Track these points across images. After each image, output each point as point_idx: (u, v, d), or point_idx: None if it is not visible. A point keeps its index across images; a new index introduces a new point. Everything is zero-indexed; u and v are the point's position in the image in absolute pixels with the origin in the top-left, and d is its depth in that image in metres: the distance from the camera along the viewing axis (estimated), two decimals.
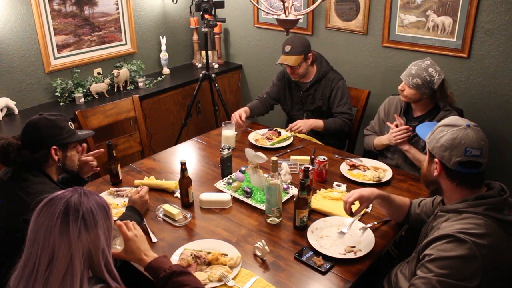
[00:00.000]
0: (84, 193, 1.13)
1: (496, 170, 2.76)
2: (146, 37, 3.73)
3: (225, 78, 4.03)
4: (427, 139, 1.48)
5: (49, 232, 1.05)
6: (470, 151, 1.35)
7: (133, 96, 2.90)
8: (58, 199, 1.09)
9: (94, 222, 1.10)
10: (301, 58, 2.68)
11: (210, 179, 2.22)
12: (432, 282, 1.28)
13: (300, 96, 2.85)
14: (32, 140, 1.65)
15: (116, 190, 2.08)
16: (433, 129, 1.47)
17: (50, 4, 3.02)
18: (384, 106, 2.55)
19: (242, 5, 3.86)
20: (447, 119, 1.47)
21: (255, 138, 2.62)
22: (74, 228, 1.06)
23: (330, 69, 2.83)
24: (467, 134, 1.38)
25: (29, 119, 1.69)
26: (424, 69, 2.23)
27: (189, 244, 1.71)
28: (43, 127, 1.67)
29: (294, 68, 2.71)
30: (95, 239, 1.10)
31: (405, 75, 2.30)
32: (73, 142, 1.75)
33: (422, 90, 2.24)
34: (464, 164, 1.36)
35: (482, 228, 1.31)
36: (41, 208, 1.09)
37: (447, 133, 1.40)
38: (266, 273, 1.60)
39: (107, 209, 1.16)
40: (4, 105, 2.88)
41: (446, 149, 1.38)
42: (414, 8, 2.88)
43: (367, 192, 1.72)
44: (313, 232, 1.78)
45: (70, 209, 1.07)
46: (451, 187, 1.43)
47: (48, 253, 1.04)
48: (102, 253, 1.12)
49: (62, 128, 1.71)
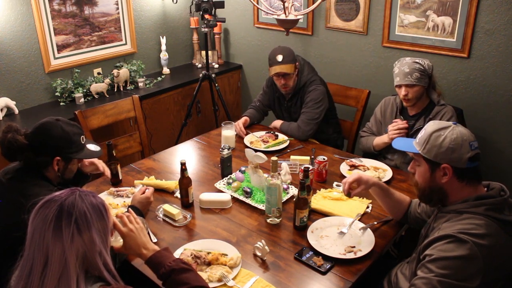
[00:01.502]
0: (80, 195, 1.12)
1: (496, 170, 2.76)
2: (146, 37, 3.73)
3: (225, 78, 4.03)
4: (423, 150, 1.43)
5: (43, 236, 1.06)
6: (472, 145, 1.39)
7: (133, 96, 2.90)
8: (52, 201, 1.10)
9: (88, 226, 1.09)
10: (293, 66, 2.62)
11: (210, 179, 2.22)
12: (432, 282, 1.29)
13: (285, 105, 2.83)
14: (40, 145, 1.63)
15: (116, 190, 2.08)
16: (425, 139, 1.43)
17: (50, 4, 3.02)
18: (380, 107, 2.55)
19: (242, 5, 3.86)
20: (433, 126, 1.44)
21: (251, 140, 2.62)
22: (67, 233, 1.06)
23: (311, 76, 2.71)
24: (461, 131, 1.40)
25: (44, 121, 1.66)
26: (412, 63, 2.25)
27: (189, 244, 1.71)
28: (55, 136, 1.64)
29: (289, 77, 2.62)
30: (90, 242, 1.09)
31: (402, 78, 2.26)
32: (78, 158, 1.74)
33: (423, 82, 2.25)
34: (472, 158, 1.38)
35: (482, 228, 1.31)
36: (36, 210, 1.09)
37: (447, 136, 1.39)
38: (266, 273, 1.60)
39: (102, 210, 1.14)
40: (4, 105, 2.88)
41: (454, 150, 1.37)
42: (414, 8, 2.87)
43: (366, 176, 1.78)
44: (313, 232, 1.78)
45: (63, 212, 1.07)
46: (458, 188, 1.42)
47: (43, 256, 1.05)
48: (100, 255, 1.12)
49: (73, 143, 1.69)
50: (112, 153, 2.14)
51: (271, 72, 2.65)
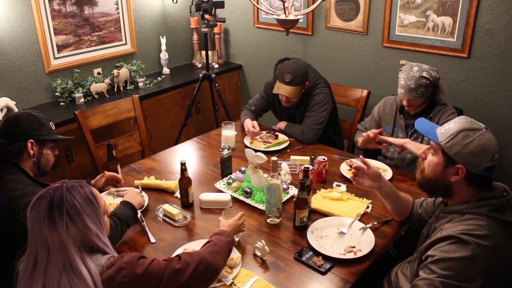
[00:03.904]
0: (67, 187, 1.20)
1: (497, 170, 2.73)
2: (146, 37, 3.73)
3: (225, 78, 4.03)
4: (445, 143, 1.38)
5: (40, 230, 1.15)
6: (495, 156, 1.36)
7: (133, 96, 2.89)
8: (42, 198, 1.18)
9: (79, 214, 1.18)
10: (299, 89, 2.52)
11: (210, 179, 2.22)
12: (435, 283, 1.28)
13: (289, 112, 2.76)
14: (11, 130, 1.67)
15: (116, 190, 2.08)
16: (452, 133, 1.37)
17: (50, 4, 3.02)
18: (379, 107, 2.53)
19: (242, 5, 3.86)
20: (465, 123, 1.38)
21: (250, 140, 2.62)
22: (61, 224, 1.15)
23: (317, 79, 2.65)
24: (490, 138, 1.36)
25: (12, 113, 1.72)
26: (418, 78, 2.17)
27: (189, 244, 1.71)
28: (24, 120, 1.70)
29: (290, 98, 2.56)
30: (84, 228, 1.18)
31: (406, 93, 2.21)
32: (50, 140, 1.77)
33: (428, 93, 2.22)
34: (488, 168, 1.36)
35: (485, 229, 1.31)
36: (31, 207, 1.18)
37: (475, 139, 1.35)
38: (266, 273, 1.60)
39: (91, 197, 1.23)
40: (4, 105, 2.88)
41: (476, 156, 1.34)
42: (414, 8, 2.88)
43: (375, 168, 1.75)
44: (313, 232, 1.78)
45: (54, 207, 1.16)
46: (464, 190, 1.41)
47: (44, 248, 1.15)
48: (97, 237, 1.21)
49: (43, 125, 1.74)
50: (112, 153, 2.14)
51: (275, 88, 2.55)
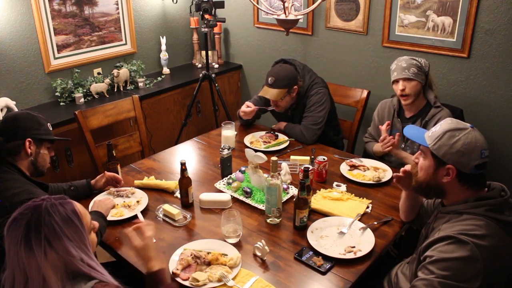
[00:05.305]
0: (46, 207, 1.09)
1: (496, 170, 2.76)
2: (146, 37, 3.73)
3: (225, 78, 4.03)
4: (433, 145, 1.40)
5: (17, 256, 1.05)
6: (483, 153, 1.36)
7: (133, 96, 2.89)
8: (18, 220, 1.07)
9: (59, 238, 1.07)
10: (283, 92, 2.52)
11: (210, 179, 2.22)
12: (433, 283, 1.28)
13: (288, 114, 2.76)
14: (10, 128, 1.69)
15: (116, 190, 2.08)
16: (438, 135, 1.40)
17: (50, 4, 3.02)
18: (378, 111, 2.54)
19: (242, 5, 3.86)
20: (450, 124, 1.41)
21: (251, 140, 2.62)
22: (39, 251, 1.05)
23: (313, 79, 2.64)
24: (476, 136, 1.36)
25: (11, 112, 1.75)
26: (409, 59, 2.29)
27: (189, 244, 1.71)
28: (23, 119, 1.72)
29: (276, 101, 2.57)
30: (65, 253, 1.08)
31: (399, 72, 2.28)
32: (48, 140, 1.79)
33: (420, 78, 2.26)
34: (478, 166, 1.36)
35: (483, 229, 1.31)
36: (7, 229, 1.08)
37: (461, 138, 1.36)
38: (266, 273, 1.60)
39: (72, 216, 1.12)
40: (4, 105, 2.88)
41: (464, 154, 1.35)
42: (414, 8, 2.87)
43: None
44: (313, 232, 1.78)
45: (31, 231, 1.05)
46: (458, 190, 1.42)
47: (21, 275, 1.05)
48: (81, 260, 1.10)
49: (41, 125, 1.77)
50: (112, 153, 2.14)
51: (262, 91, 2.59)
